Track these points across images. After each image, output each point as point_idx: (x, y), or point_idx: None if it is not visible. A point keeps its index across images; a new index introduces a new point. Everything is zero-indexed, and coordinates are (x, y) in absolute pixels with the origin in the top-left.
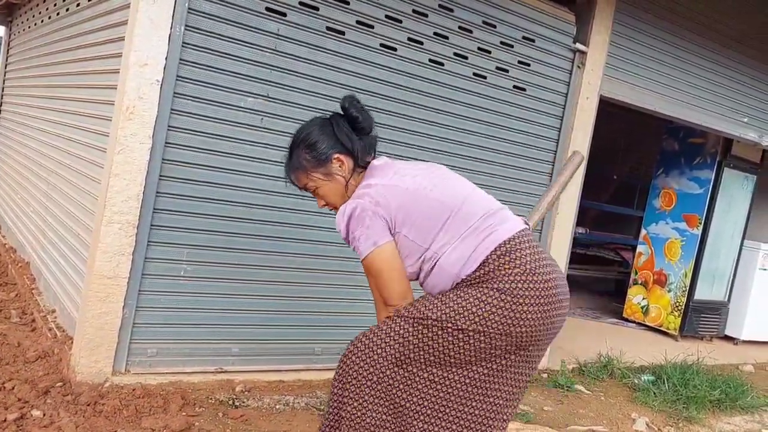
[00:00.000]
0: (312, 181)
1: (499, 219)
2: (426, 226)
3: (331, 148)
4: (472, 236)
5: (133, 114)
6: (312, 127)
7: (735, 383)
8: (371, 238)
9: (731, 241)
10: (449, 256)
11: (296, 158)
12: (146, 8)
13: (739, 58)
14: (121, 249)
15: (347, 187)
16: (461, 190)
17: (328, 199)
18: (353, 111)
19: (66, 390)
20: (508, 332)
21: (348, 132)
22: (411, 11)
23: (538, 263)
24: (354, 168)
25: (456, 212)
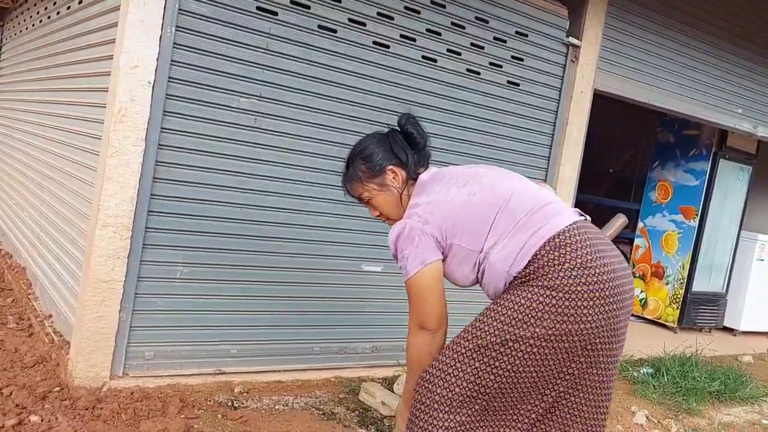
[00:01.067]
0: (367, 191)
1: (549, 213)
2: (476, 230)
3: (386, 159)
4: (520, 232)
5: (125, 116)
6: (369, 141)
7: (734, 374)
8: (419, 257)
9: (728, 232)
10: (499, 254)
11: (353, 169)
12: (136, 10)
13: (732, 49)
14: (116, 252)
15: (401, 198)
16: (508, 186)
17: (382, 210)
18: (409, 127)
19: (64, 395)
20: (568, 331)
21: (403, 145)
22: (403, 8)
23: (593, 256)
24: (407, 179)
25: (503, 209)
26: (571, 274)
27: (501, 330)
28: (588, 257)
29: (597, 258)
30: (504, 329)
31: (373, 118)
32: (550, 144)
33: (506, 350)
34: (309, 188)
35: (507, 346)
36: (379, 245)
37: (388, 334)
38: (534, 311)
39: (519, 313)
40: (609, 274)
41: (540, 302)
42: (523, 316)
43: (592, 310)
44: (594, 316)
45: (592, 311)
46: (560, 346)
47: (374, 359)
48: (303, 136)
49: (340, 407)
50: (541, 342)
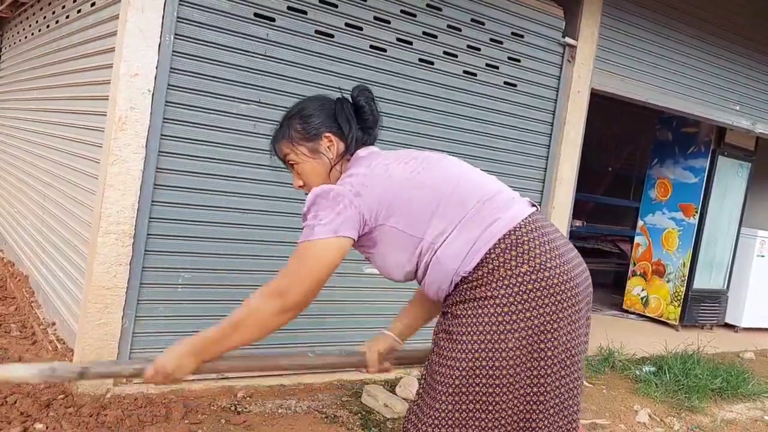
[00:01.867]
0: (295, 154)
1: (501, 203)
2: (416, 213)
3: (324, 125)
4: (469, 225)
5: (125, 124)
6: (313, 102)
7: (736, 371)
8: (334, 225)
9: (728, 229)
10: (447, 248)
11: (286, 128)
12: (135, 18)
13: (729, 46)
14: (119, 259)
15: (331, 171)
16: (454, 170)
17: (307, 178)
18: (361, 99)
19: (68, 402)
20: (534, 347)
21: (349, 116)
22: (399, 12)
23: (550, 254)
24: (343, 154)
25: (449, 194)
26: (528, 278)
27: (468, 365)
28: (544, 257)
29: (554, 257)
30: (471, 363)
31: None
32: (548, 144)
33: (481, 387)
34: None
35: (480, 384)
36: None
37: None
38: (493, 333)
39: (479, 341)
40: (567, 274)
41: (497, 322)
42: (485, 342)
43: (554, 315)
44: (558, 324)
45: (555, 319)
46: (530, 365)
47: None
48: None
49: (343, 410)
50: (510, 363)
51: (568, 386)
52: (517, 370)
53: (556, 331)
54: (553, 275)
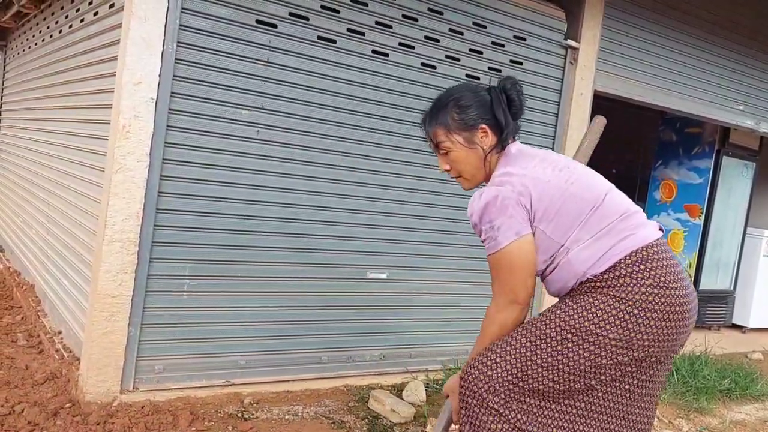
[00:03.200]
0: (450, 141)
1: (637, 222)
2: (564, 221)
3: (481, 116)
4: (607, 236)
5: (129, 133)
6: (467, 91)
7: (744, 372)
8: (514, 227)
9: (734, 229)
10: (580, 253)
11: (443, 114)
12: (138, 27)
13: (732, 46)
14: (124, 267)
15: (485, 161)
16: (601, 186)
17: (460, 166)
18: (513, 93)
19: (75, 411)
20: (630, 344)
21: (505, 109)
22: (401, 16)
23: (674, 276)
24: (495, 145)
25: (595, 209)
26: (653, 291)
27: (563, 328)
28: (669, 277)
29: (677, 279)
30: (567, 328)
31: (374, 126)
32: (552, 147)
33: (563, 348)
34: (312, 198)
35: (565, 346)
36: (384, 252)
37: (396, 341)
38: (603, 321)
39: (586, 318)
40: (684, 297)
41: (611, 313)
42: (590, 323)
43: (663, 330)
44: (661, 336)
45: (660, 331)
46: (617, 359)
47: (382, 367)
48: (305, 146)
49: (350, 415)
50: (601, 349)
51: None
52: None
53: (658, 344)
54: (674, 295)
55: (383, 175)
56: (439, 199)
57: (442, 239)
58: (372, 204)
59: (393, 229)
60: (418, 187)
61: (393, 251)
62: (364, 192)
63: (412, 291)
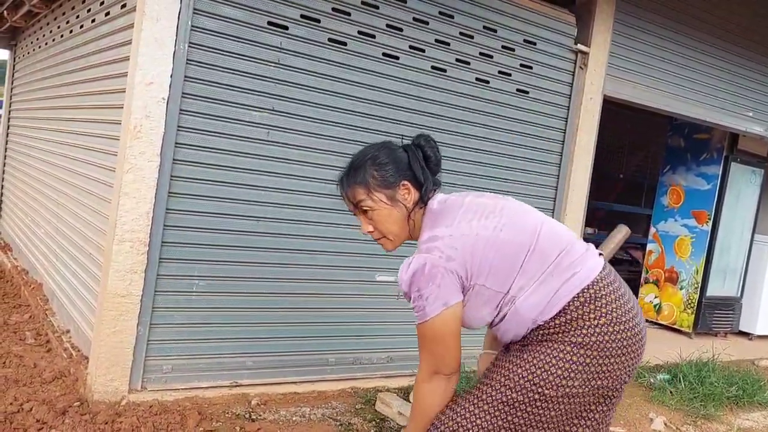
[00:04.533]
0: (372, 200)
1: (577, 258)
2: (503, 270)
3: (401, 173)
4: (550, 278)
5: (140, 133)
6: (384, 149)
7: (752, 379)
8: (441, 298)
9: (741, 235)
10: (526, 300)
11: (361, 173)
12: (150, 27)
13: (742, 52)
14: (133, 267)
15: (408, 219)
16: (533, 223)
17: (382, 226)
18: (428, 149)
19: (83, 409)
20: (597, 386)
21: (423, 165)
22: (412, 19)
23: (622, 309)
24: (417, 202)
25: (532, 250)
26: (605, 330)
27: (529, 390)
28: (618, 311)
29: (626, 312)
30: (533, 389)
31: (385, 129)
32: (561, 151)
33: (532, 409)
34: (322, 200)
35: (534, 406)
36: (393, 255)
37: (403, 344)
38: (565, 371)
39: (550, 373)
40: (636, 328)
41: (572, 361)
42: (554, 376)
43: (621, 365)
44: (621, 370)
45: (621, 366)
46: (585, 400)
47: (390, 369)
48: (315, 148)
49: (357, 418)
50: (568, 399)
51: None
52: (571, 407)
53: (617, 379)
54: (626, 329)
55: None
56: None
57: None
58: None
59: None
60: None
61: (401, 254)
62: None
63: None
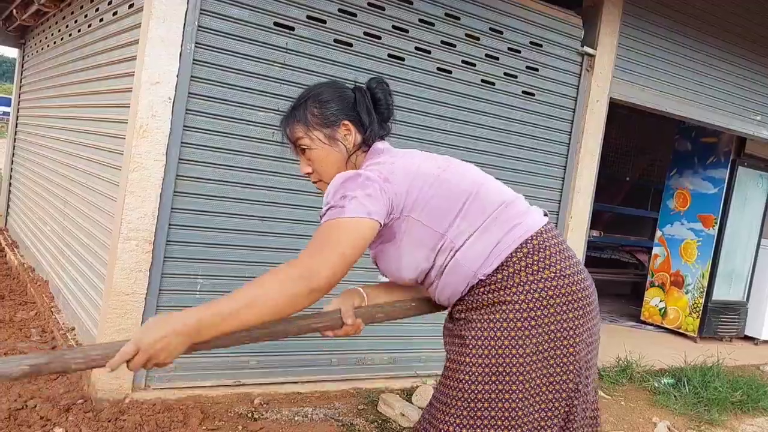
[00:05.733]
0: (309, 139)
1: (521, 209)
2: (440, 208)
3: (343, 113)
4: (491, 227)
5: (146, 132)
6: (329, 87)
7: (756, 384)
8: (367, 206)
9: (748, 240)
10: (468, 250)
11: (302, 111)
12: (156, 27)
13: (749, 56)
14: (138, 265)
15: (347, 162)
16: (477, 175)
17: (319, 165)
18: (379, 92)
19: (87, 407)
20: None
21: (369, 107)
22: (418, 21)
23: (568, 262)
24: (359, 146)
25: (473, 196)
26: (550, 284)
27: (485, 372)
28: (564, 263)
29: (572, 265)
30: (486, 370)
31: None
32: (566, 153)
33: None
34: None
35: (496, 390)
36: None
37: (406, 345)
38: (513, 339)
39: (498, 346)
40: (583, 282)
41: (516, 327)
42: (503, 348)
43: (572, 322)
44: (573, 326)
45: (572, 323)
46: (548, 365)
47: (392, 370)
48: None
49: (359, 419)
50: (528, 369)
51: (585, 396)
52: (533, 376)
53: (573, 338)
54: (572, 282)
55: None
56: None
57: None
58: None
59: None
60: None
61: None
62: None
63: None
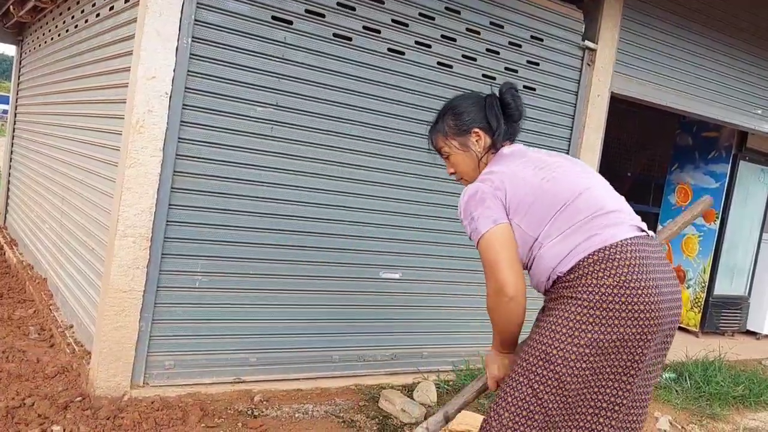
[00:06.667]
0: (448, 147)
1: (610, 221)
2: (537, 216)
3: (474, 121)
4: (574, 234)
5: (143, 127)
6: (465, 99)
7: (758, 378)
8: (491, 216)
9: (749, 235)
10: (550, 249)
11: (441, 122)
12: (153, 21)
13: (751, 50)
14: (136, 262)
15: (479, 163)
16: (580, 182)
17: (458, 168)
18: (508, 97)
19: (85, 404)
20: (602, 349)
21: (497, 113)
22: (418, 15)
23: (637, 275)
24: (489, 148)
25: (567, 206)
26: (611, 291)
27: (540, 351)
28: (630, 276)
29: (642, 279)
30: (542, 348)
31: (390, 125)
32: (568, 148)
33: (546, 372)
34: (326, 197)
35: (546, 369)
36: (398, 253)
37: (407, 341)
38: (570, 329)
39: (556, 332)
40: (650, 297)
41: (577, 319)
42: (560, 335)
43: (628, 329)
44: (629, 335)
45: (628, 330)
46: (597, 363)
47: (393, 366)
48: (320, 144)
49: (360, 415)
50: (579, 359)
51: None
52: (584, 366)
53: (625, 342)
54: (635, 294)
55: (397, 175)
56: (453, 200)
57: (455, 240)
58: (386, 204)
59: (407, 230)
60: (432, 188)
61: (406, 251)
62: (377, 192)
63: (424, 291)
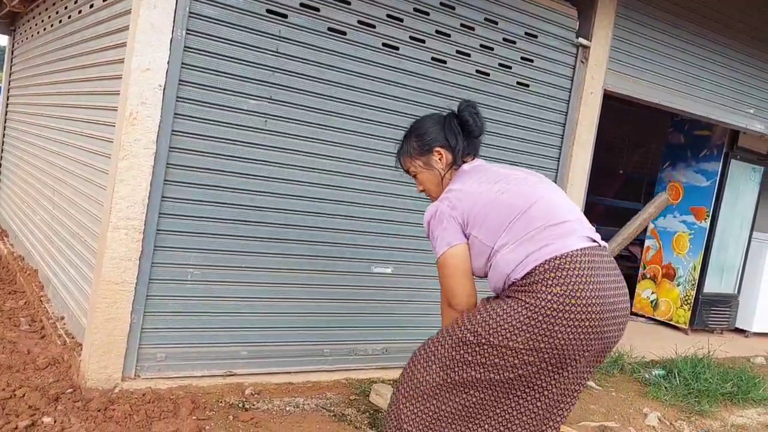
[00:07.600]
0: (413, 166)
1: (563, 231)
2: (494, 226)
3: (435, 141)
4: (528, 243)
5: (136, 120)
6: (427, 120)
7: (747, 376)
8: (446, 238)
9: (740, 233)
10: (505, 257)
11: (406, 144)
12: (147, 13)
13: (744, 49)
14: (128, 254)
15: (443, 180)
16: (535, 192)
17: (425, 185)
18: (466, 114)
19: (76, 396)
20: (536, 348)
21: (456, 131)
22: (412, 10)
23: (585, 286)
24: (451, 164)
25: (521, 214)
26: (558, 299)
27: (480, 334)
28: (579, 286)
29: (591, 289)
30: (482, 333)
31: (383, 119)
32: (560, 145)
33: (481, 350)
34: (319, 190)
35: (482, 348)
36: (389, 247)
37: (399, 335)
38: (511, 326)
39: (498, 324)
40: (597, 307)
41: (519, 319)
42: (501, 328)
43: (567, 338)
44: (567, 342)
45: (566, 338)
46: (528, 359)
47: (385, 361)
48: (313, 137)
49: (351, 409)
50: (511, 353)
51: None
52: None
53: (561, 349)
54: (582, 304)
55: (390, 170)
56: None
57: None
58: (378, 198)
59: (398, 224)
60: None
61: (398, 246)
62: (370, 186)
63: (415, 286)
